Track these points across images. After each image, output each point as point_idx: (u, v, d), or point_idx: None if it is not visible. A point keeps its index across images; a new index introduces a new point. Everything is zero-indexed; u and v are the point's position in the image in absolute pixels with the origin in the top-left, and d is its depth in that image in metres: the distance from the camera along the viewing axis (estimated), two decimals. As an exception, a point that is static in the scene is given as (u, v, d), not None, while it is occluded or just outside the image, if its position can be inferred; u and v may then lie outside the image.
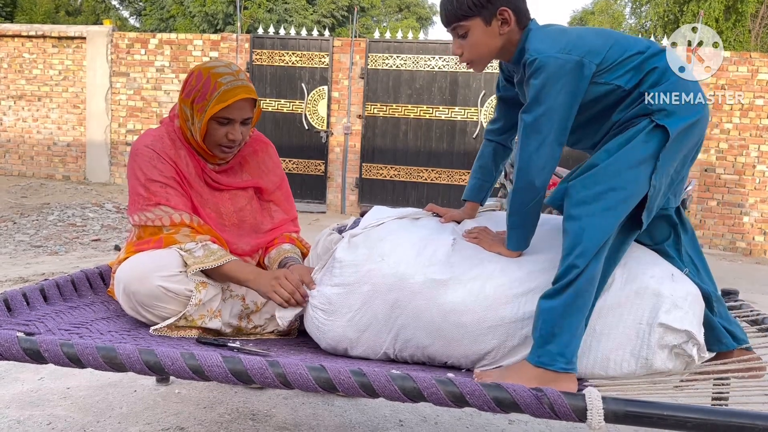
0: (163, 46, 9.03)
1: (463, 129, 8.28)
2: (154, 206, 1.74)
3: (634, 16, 17.38)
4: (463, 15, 1.55)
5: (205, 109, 1.75)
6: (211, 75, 1.77)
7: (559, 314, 1.39)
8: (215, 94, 1.74)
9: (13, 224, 5.90)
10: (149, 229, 1.75)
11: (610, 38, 1.52)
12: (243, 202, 1.95)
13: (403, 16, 22.45)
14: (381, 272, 1.58)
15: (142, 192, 1.76)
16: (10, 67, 9.44)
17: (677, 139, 1.46)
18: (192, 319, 1.69)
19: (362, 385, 1.27)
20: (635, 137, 1.47)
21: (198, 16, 15.92)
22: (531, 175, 1.50)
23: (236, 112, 1.78)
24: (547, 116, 1.46)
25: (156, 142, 1.82)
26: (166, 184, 1.77)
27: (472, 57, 1.60)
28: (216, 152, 1.84)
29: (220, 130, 1.79)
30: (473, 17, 1.54)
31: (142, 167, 1.77)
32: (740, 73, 7.67)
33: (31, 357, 1.30)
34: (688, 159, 1.56)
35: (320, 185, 8.76)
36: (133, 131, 9.16)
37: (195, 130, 1.80)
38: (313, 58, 8.55)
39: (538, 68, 1.46)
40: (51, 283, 1.79)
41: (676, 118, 1.45)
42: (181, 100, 1.82)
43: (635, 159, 1.45)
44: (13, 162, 9.63)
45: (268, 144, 2.06)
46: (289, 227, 2.04)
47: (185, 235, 1.73)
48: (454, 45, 1.62)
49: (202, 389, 2.24)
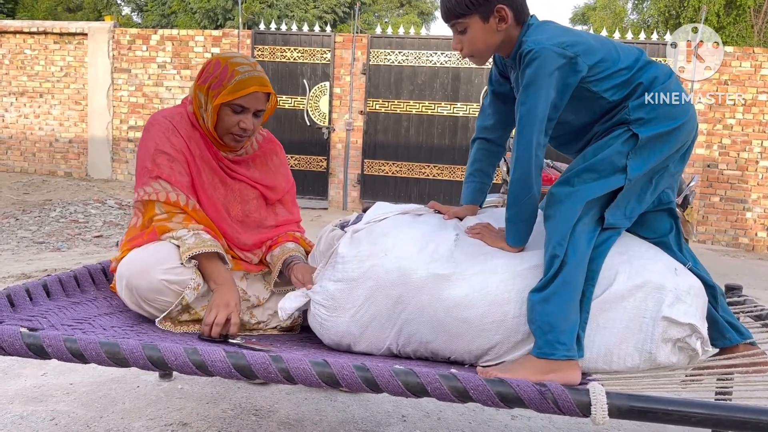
0: (164, 42, 9.02)
1: (465, 125, 8.27)
2: (154, 179, 1.75)
3: (636, 12, 17.35)
4: (461, 12, 1.57)
5: (220, 95, 1.77)
6: (229, 64, 1.80)
7: (551, 304, 1.42)
8: (232, 81, 1.77)
9: (16, 221, 5.90)
10: (146, 206, 1.75)
11: (606, 46, 1.55)
12: (250, 196, 1.95)
13: (405, 11, 22.38)
14: (384, 268, 1.58)
15: (147, 165, 1.77)
16: (11, 64, 9.44)
17: (656, 142, 1.51)
18: (195, 311, 1.69)
19: (365, 380, 1.27)
20: (611, 143, 1.52)
21: (199, 12, 15.91)
22: (527, 162, 1.51)
23: (251, 101, 1.80)
24: (538, 104, 1.49)
25: (175, 116, 1.84)
26: (174, 158, 1.78)
27: (471, 52, 1.63)
28: (227, 140, 1.85)
29: (232, 118, 1.80)
30: (471, 15, 1.56)
31: (155, 137, 1.79)
32: (743, 69, 7.64)
33: (34, 352, 1.30)
34: (675, 159, 1.58)
35: (322, 181, 8.76)
36: (135, 127, 9.16)
37: (207, 116, 1.82)
38: (315, 54, 8.53)
39: (533, 58, 1.48)
40: (54, 278, 1.79)
41: (653, 125, 1.50)
42: (196, 87, 1.84)
43: (608, 155, 1.50)
44: (15, 158, 9.64)
45: (279, 147, 2.09)
46: (293, 227, 2.05)
47: (177, 222, 1.73)
48: (454, 40, 1.64)
49: (205, 385, 2.24)
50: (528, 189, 1.53)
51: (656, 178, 1.56)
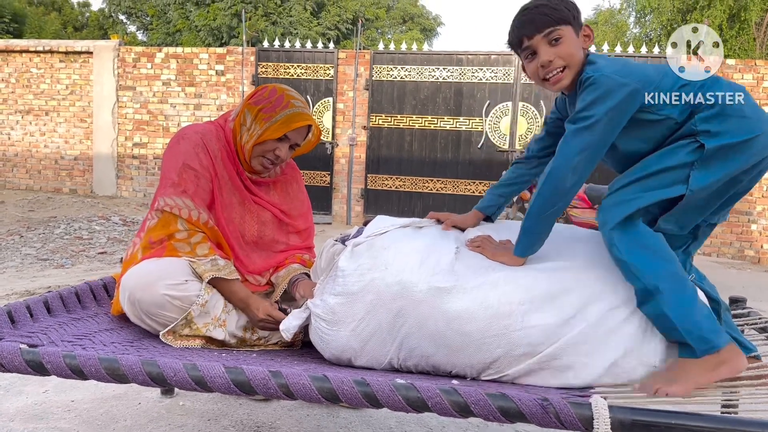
0: (169, 59, 9.10)
1: (468, 139, 8.29)
2: (179, 194, 1.77)
3: (639, 26, 17.41)
4: (561, 19, 1.53)
5: (270, 120, 1.83)
6: (285, 94, 1.87)
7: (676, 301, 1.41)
8: (285, 112, 1.83)
9: (20, 238, 5.92)
10: (167, 217, 1.76)
11: (664, 69, 1.53)
12: (266, 218, 1.98)
13: (408, 27, 22.53)
14: (385, 281, 1.57)
15: (174, 177, 1.79)
16: (18, 82, 9.52)
17: (725, 154, 1.45)
18: (196, 327, 1.69)
19: (365, 395, 1.26)
20: (676, 151, 1.48)
21: (203, 29, 16.05)
22: (564, 174, 1.49)
23: (295, 134, 1.87)
24: (591, 129, 1.46)
25: (206, 133, 1.87)
26: (201, 174, 1.81)
27: (568, 62, 1.55)
28: (255, 163, 1.89)
29: (272, 145, 1.85)
30: (567, 24, 1.54)
31: (185, 151, 1.81)
32: (745, 81, 7.65)
33: (33, 369, 1.30)
34: (750, 177, 1.52)
35: (326, 196, 8.77)
36: (140, 144, 9.21)
37: (250, 135, 1.85)
38: (318, 70, 8.58)
39: (593, 83, 1.46)
40: (54, 295, 1.79)
41: (722, 137, 1.45)
42: (246, 105, 1.88)
43: (671, 165, 1.47)
44: (21, 176, 9.70)
45: (300, 175, 2.13)
46: (303, 251, 2.07)
47: (196, 242, 1.75)
48: (544, 53, 1.55)
49: (207, 401, 2.23)
50: (555, 203, 1.52)
51: (723, 192, 1.51)
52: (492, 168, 8.05)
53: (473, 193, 8.18)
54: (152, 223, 1.80)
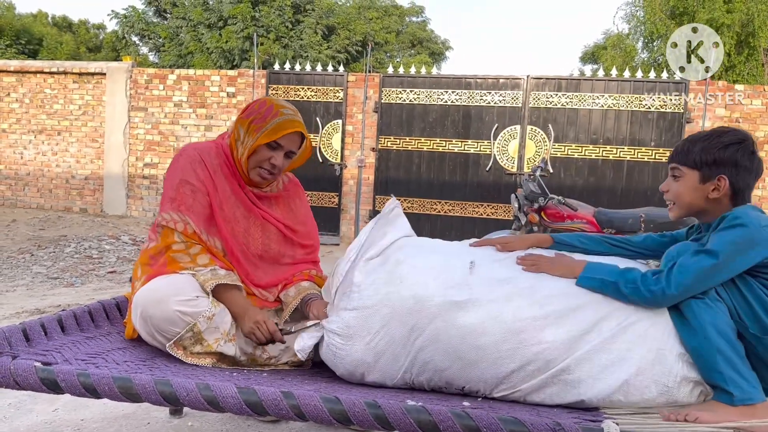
0: (181, 81, 9.21)
1: (476, 161, 8.31)
2: (175, 210, 1.81)
3: (647, 51, 17.50)
4: (685, 162, 1.60)
5: (261, 129, 1.86)
6: (275, 105, 1.91)
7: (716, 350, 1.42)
8: (275, 120, 1.87)
9: (31, 256, 5.96)
10: (165, 231, 1.81)
11: None
12: (270, 231, 2.00)
13: (416, 51, 22.72)
14: (400, 295, 1.58)
15: (171, 193, 1.84)
16: (31, 102, 9.65)
17: None
18: (208, 343, 1.70)
19: (377, 417, 1.26)
20: None
21: (215, 52, 16.24)
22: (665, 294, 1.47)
23: (287, 140, 1.90)
24: (717, 269, 1.46)
25: (204, 149, 1.92)
26: (198, 188, 1.85)
27: (675, 200, 1.64)
28: (253, 174, 1.92)
29: (266, 153, 1.89)
30: (693, 168, 1.58)
31: (182, 167, 1.86)
32: (754, 107, 7.66)
33: (48, 387, 1.31)
34: None
35: (334, 217, 8.79)
36: (150, 165, 9.29)
37: (244, 147, 1.89)
38: (328, 92, 8.66)
39: (739, 224, 1.47)
40: (68, 313, 1.81)
41: None
42: (238, 120, 1.93)
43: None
44: (32, 195, 9.78)
45: (303, 192, 2.16)
46: (309, 266, 2.09)
47: (194, 253, 1.79)
48: (665, 181, 1.67)
49: (215, 422, 2.23)
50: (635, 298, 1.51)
51: None
52: (500, 191, 8.05)
53: (481, 215, 8.18)
54: (145, 245, 1.87)
